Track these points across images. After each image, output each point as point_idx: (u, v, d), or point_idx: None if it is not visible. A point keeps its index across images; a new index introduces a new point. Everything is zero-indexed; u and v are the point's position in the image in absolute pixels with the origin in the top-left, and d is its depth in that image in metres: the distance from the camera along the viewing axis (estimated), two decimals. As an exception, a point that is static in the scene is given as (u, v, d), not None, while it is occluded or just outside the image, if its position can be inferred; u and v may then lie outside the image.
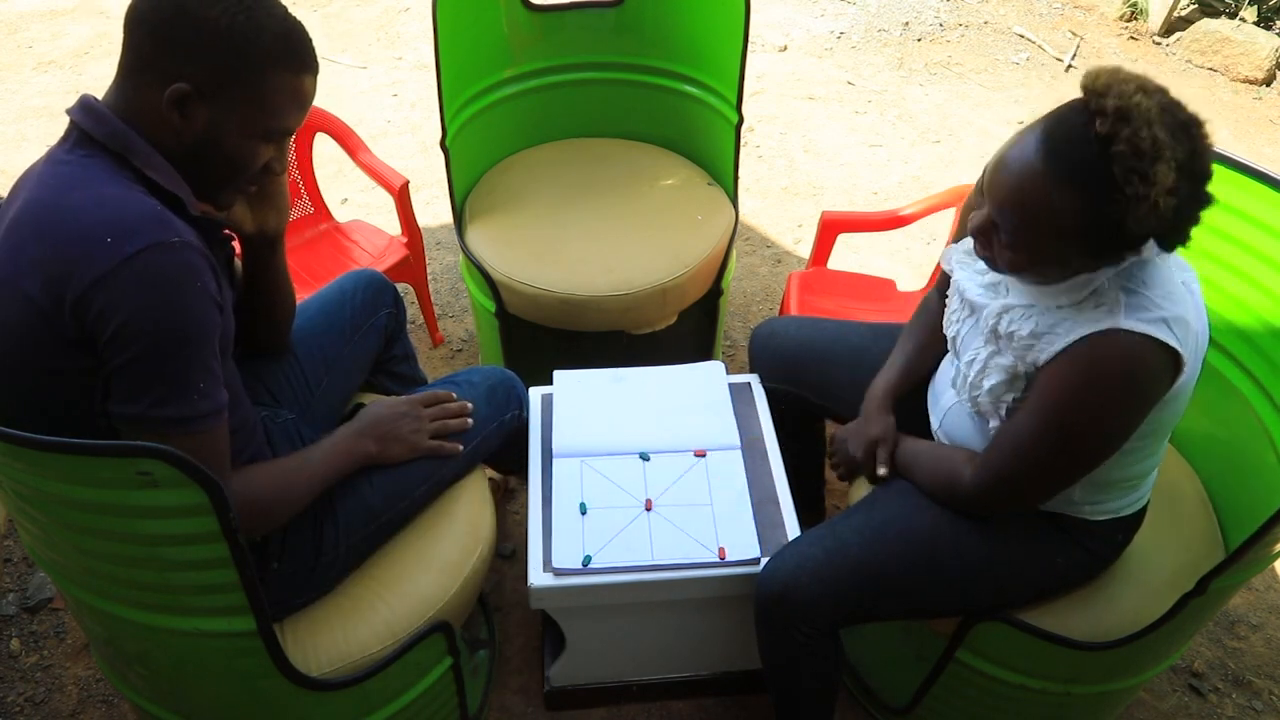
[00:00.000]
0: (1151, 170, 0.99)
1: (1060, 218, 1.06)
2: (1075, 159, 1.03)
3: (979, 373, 1.28)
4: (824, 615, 1.33)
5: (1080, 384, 1.14)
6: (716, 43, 2.08)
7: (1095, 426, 1.16)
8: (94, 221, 0.99)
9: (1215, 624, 1.95)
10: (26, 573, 1.95)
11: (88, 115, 1.06)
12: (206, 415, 1.06)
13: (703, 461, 1.60)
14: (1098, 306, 1.13)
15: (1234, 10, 4.29)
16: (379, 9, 4.39)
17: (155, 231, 1.00)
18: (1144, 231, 1.03)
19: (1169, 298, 1.13)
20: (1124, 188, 1.00)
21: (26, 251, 1.01)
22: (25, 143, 3.41)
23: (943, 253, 1.43)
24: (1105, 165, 1.01)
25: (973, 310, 1.32)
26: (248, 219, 1.31)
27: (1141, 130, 0.99)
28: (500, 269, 1.99)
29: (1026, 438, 1.20)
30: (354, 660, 1.30)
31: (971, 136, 3.59)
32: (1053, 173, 1.05)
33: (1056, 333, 1.16)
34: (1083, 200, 1.04)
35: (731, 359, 2.54)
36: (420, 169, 3.27)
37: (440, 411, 1.47)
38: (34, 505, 1.05)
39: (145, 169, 1.06)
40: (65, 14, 4.30)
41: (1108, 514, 1.33)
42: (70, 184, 1.03)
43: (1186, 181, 1.01)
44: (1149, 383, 1.13)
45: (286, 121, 1.12)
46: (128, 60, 1.07)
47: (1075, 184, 1.04)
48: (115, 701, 1.74)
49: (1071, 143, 1.04)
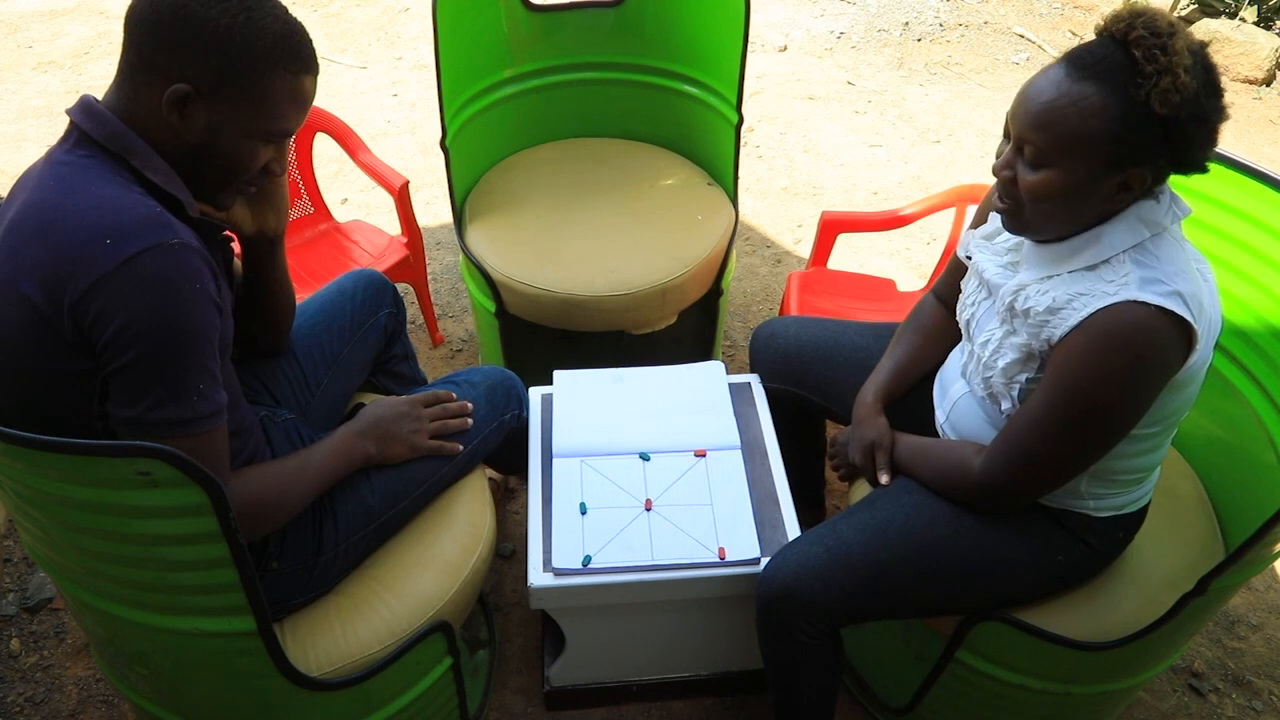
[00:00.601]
0: (1170, 42, 1.04)
1: (1089, 116, 1.08)
2: (1097, 56, 1.09)
3: (994, 353, 1.28)
4: (825, 615, 1.33)
5: (1094, 356, 1.14)
6: (716, 43, 2.08)
7: (1109, 400, 1.16)
8: (93, 223, 0.99)
9: (1215, 624, 1.95)
10: (26, 573, 1.95)
11: (87, 116, 1.06)
12: (206, 417, 1.06)
13: (703, 461, 1.60)
14: (1111, 280, 1.14)
15: (1234, 10, 4.30)
16: (379, 9, 4.39)
17: (154, 233, 1.00)
18: (1170, 110, 1.05)
19: (1182, 274, 1.14)
20: (1146, 66, 1.05)
21: (25, 252, 1.01)
22: (25, 143, 3.41)
23: (960, 239, 1.43)
24: (1125, 53, 1.07)
25: (990, 292, 1.33)
26: (247, 220, 1.31)
27: (1157, 17, 1.07)
28: (500, 269, 1.99)
29: (1039, 419, 1.20)
30: (354, 660, 1.30)
31: (971, 136, 3.59)
32: (1075, 71, 1.09)
33: (1072, 308, 1.16)
34: (1109, 90, 1.08)
35: (731, 359, 2.54)
36: (420, 169, 3.27)
37: (440, 411, 1.47)
38: (34, 505, 1.05)
39: (144, 170, 1.06)
40: (65, 14, 4.30)
41: (1111, 510, 1.33)
42: (70, 185, 1.03)
43: (1202, 71, 1.06)
44: (1162, 354, 1.13)
45: (286, 123, 1.12)
46: (128, 60, 1.07)
47: (1100, 76, 1.08)
48: (115, 701, 1.74)
49: (1091, 49, 1.10)
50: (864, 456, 1.46)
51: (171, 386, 1.03)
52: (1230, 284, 1.49)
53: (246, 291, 1.39)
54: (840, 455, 1.55)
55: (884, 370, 1.53)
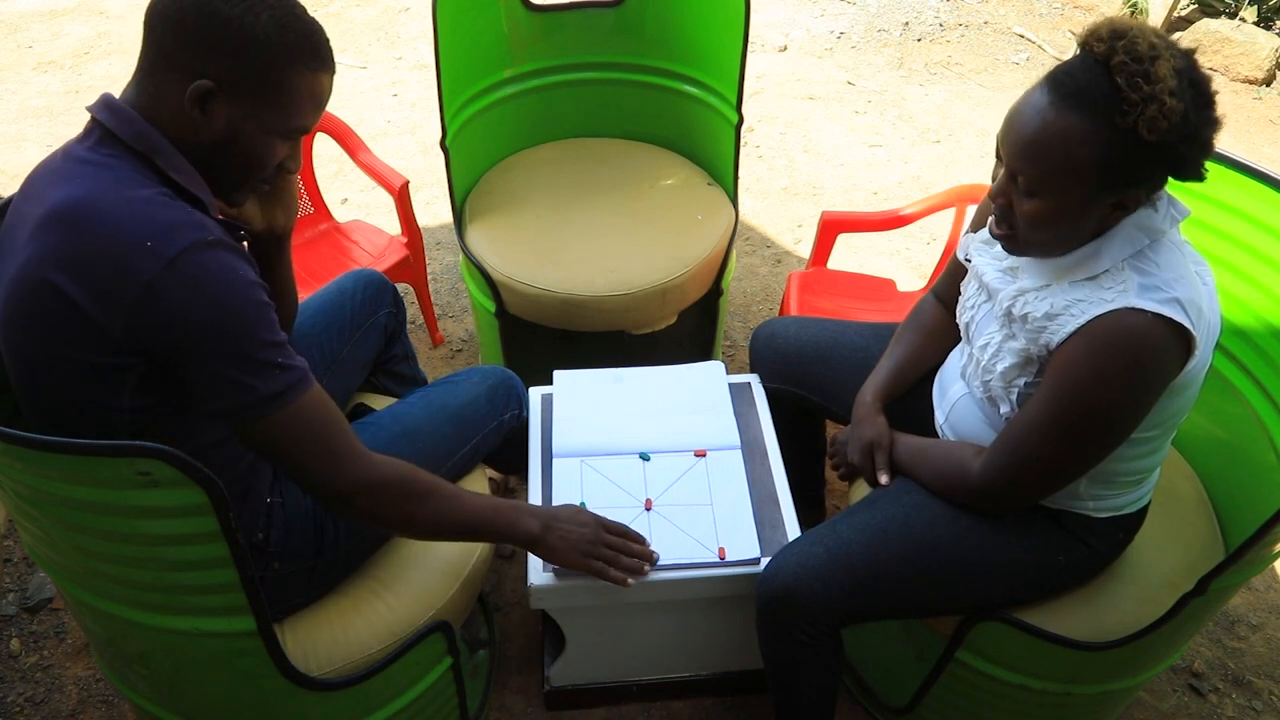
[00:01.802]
0: (1153, 69, 1.03)
1: (1074, 143, 1.08)
2: (1080, 83, 1.07)
3: (992, 356, 1.28)
4: (825, 615, 1.33)
5: (1092, 363, 1.14)
6: (716, 43, 2.08)
7: (1107, 406, 1.16)
8: (131, 227, 1.00)
9: (1215, 624, 1.95)
10: (26, 573, 1.95)
11: (113, 115, 1.06)
12: (295, 384, 1.07)
13: (703, 461, 1.60)
14: (1110, 287, 1.14)
15: (1234, 10, 4.30)
16: (379, 9, 4.39)
17: (191, 231, 1.01)
18: (1158, 139, 1.04)
19: (1181, 280, 1.13)
20: (1130, 94, 1.03)
21: (61, 249, 1.01)
22: (25, 143, 3.41)
23: (960, 241, 1.43)
24: (1108, 80, 1.05)
25: (989, 295, 1.33)
26: (257, 217, 1.31)
27: (1137, 39, 1.04)
28: (500, 269, 1.99)
29: (1038, 425, 1.20)
30: (354, 660, 1.30)
31: (971, 136, 3.59)
32: (1059, 100, 1.08)
33: (1070, 314, 1.16)
34: (1094, 120, 1.06)
35: (731, 359, 2.54)
36: (420, 169, 3.27)
37: (620, 544, 1.40)
38: (34, 505, 1.05)
39: (169, 170, 1.07)
40: (65, 14, 4.30)
41: (1111, 511, 1.33)
42: (99, 185, 1.03)
43: (1189, 88, 1.04)
44: (1160, 361, 1.13)
45: (304, 120, 1.13)
46: (149, 57, 1.07)
47: (1084, 106, 1.07)
48: (115, 701, 1.74)
49: (1072, 73, 1.08)
50: (863, 457, 1.46)
51: (250, 368, 1.04)
52: (1230, 284, 1.49)
53: None
54: (840, 455, 1.55)
55: (883, 370, 1.53)
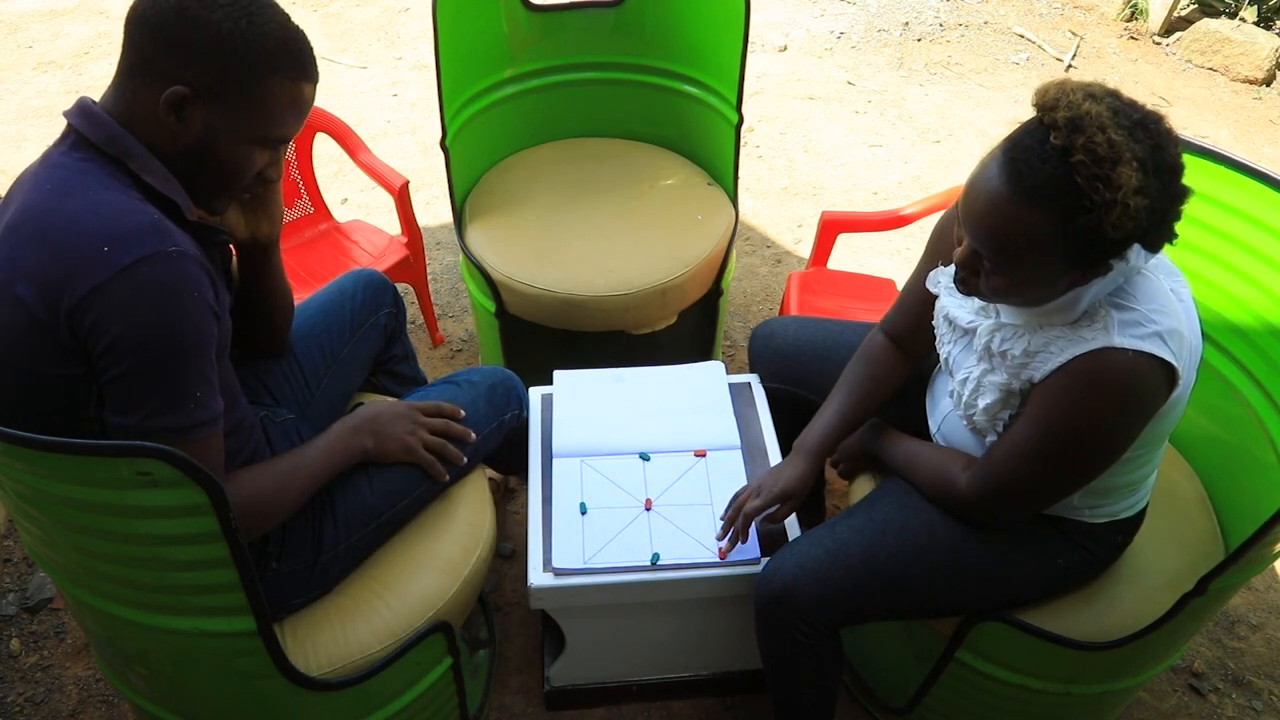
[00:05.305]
0: (1114, 173, 0.98)
1: (1037, 237, 1.05)
2: (1039, 177, 1.02)
3: (973, 391, 1.28)
4: (824, 615, 1.33)
5: (1076, 402, 1.14)
6: (716, 43, 2.08)
7: (1091, 443, 1.17)
8: (92, 230, 0.99)
9: (1215, 624, 1.95)
10: (26, 573, 1.95)
11: (85, 118, 1.06)
12: (202, 424, 1.06)
13: (703, 461, 1.60)
14: (1090, 325, 1.13)
15: (1234, 10, 4.30)
16: (379, 9, 4.39)
17: (153, 240, 1.00)
18: (1122, 236, 1.02)
19: (1161, 311, 1.12)
20: (1091, 196, 0.99)
21: (23, 256, 1.01)
22: (25, 143, 3.41)
23: (929, 276, 1.39)
24: (1068, 177, 1.00)
25: (965, 332, 1.31)
26: (240, 225, 1.31)
27: (1096, 136, 0.99)
28: (500, 269, 1.99)
29: (1022, 453, 1.21)
30: (354, 660, 1.30)
31: (971, 136, 3.59)
32: (1020, 194, 1.04)
33: (1050, 351, 1.16)
34: (1055, 216, 1.03)
35: (731, 359, 2.54)
36: (420, 169, 3.27)
37: (442, 425, 1.44)
38: (34, 505, 1.05)
39: (142, 174, 1.06)
40: (65, 14, 4.30)
41: (1107, 516, 1.33)
42: (67, 189, 1.03)
43: (1155, 178, 1.00)
44: (1145, 399, 1.13)
45: (283, 129, 1.12)
46: (127, 61, 1.06)
47: (1043, 202, 1.03)
48: (115, 701, 1.74)
49: (1031, 162, 1.03)
50: (766, 498, 1.40)
51: (168, 395, 1.03)
52: (1230, 284, 1.49)
53: (243, 295, 1.38)
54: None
55: (828, 416, 1.46)
